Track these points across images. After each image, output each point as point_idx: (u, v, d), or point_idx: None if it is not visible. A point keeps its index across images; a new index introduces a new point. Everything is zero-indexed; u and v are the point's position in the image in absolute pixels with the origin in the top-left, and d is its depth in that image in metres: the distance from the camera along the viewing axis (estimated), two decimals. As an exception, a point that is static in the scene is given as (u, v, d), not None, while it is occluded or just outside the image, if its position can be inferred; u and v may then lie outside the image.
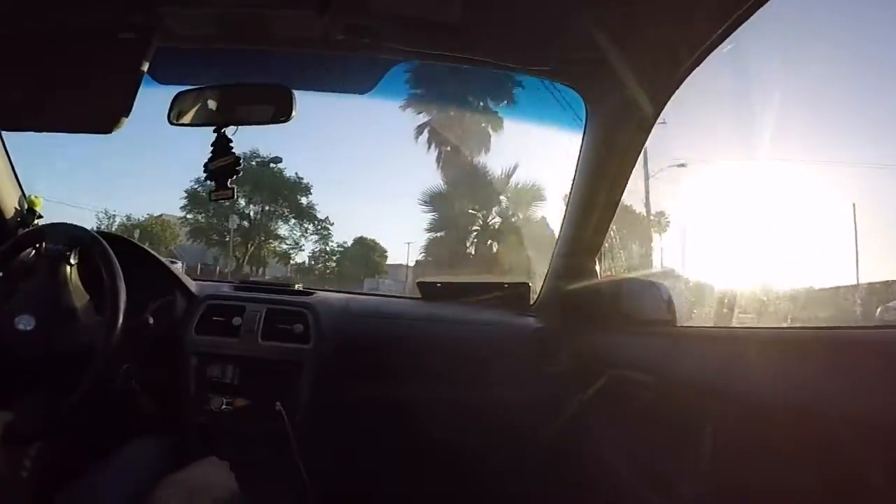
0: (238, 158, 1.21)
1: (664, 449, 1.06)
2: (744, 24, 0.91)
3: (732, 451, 0.85)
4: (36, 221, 1.49)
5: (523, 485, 1.56)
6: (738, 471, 0.84)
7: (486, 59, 1.22)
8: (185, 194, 16.75)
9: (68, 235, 1.24)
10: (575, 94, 1.27)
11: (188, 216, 16.98)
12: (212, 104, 1.22)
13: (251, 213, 17.63)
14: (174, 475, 0.89)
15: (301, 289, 1.57)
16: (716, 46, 0.99)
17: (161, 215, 17.89)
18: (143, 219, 17.64)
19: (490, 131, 13.42)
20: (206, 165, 1.22)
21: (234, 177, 1.22)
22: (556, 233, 1.48)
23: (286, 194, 17.53)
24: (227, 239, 17.12)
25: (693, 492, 0.94)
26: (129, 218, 17.64)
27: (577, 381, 1.37)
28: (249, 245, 17.79)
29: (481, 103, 1.48)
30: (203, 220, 17.05)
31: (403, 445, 1.49)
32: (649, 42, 1.06)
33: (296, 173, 17.43)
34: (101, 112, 1.07)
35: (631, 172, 1.28)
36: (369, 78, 1.23)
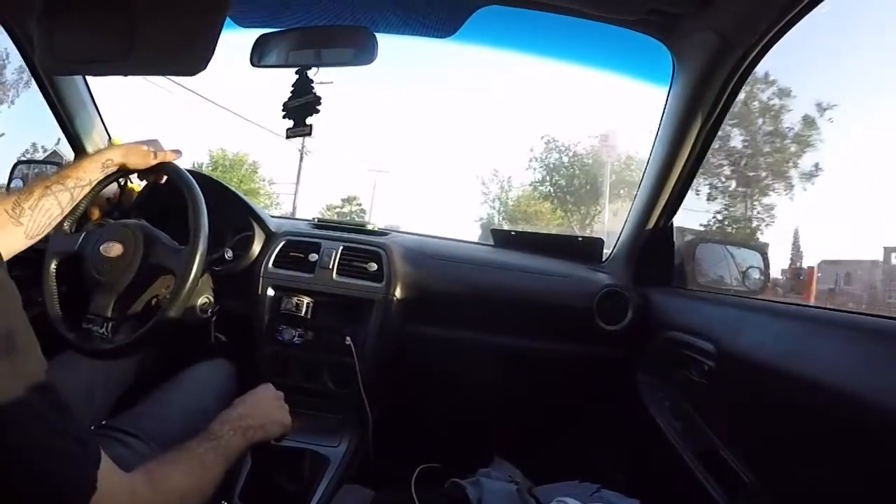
0: (319, 98, 1.22)
1: (718, 421, 1.05)
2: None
3: (786, 431, 0.84)
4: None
5: (572, 439, 1.59)
6: (790, 455, 0.83)
7: (572, 5, 1.18)
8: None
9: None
10: (663, 48, 1.21)
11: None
12: (294, 47, 1.23)
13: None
14: (243, 398, 0.94)
15: (376, 229, 1.60)
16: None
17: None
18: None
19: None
20: (284, 105, 1.24)
21: (313, 114, 1.22)
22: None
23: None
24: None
25: (743, 469, 0.93)
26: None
27: (639, 340, 1.37)
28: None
29: (566, 52, 1.42)
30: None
31: (460, 388, 1.53)
32: None
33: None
34: (185, 55, 1.11)
35: (717, 132, 1.22)
36: (453, 22, 1.22)
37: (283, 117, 1.25)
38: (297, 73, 1.23)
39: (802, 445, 0.79)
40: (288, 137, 1.25)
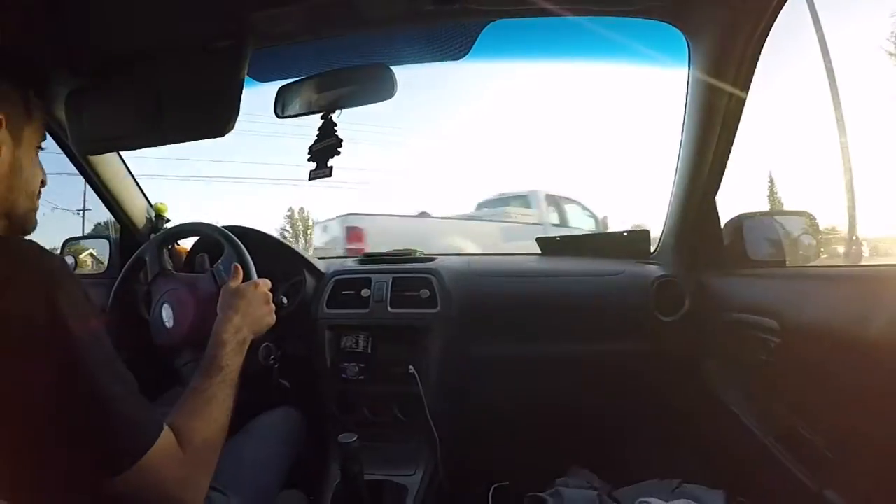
0: (340, 140, 1.25)
1: (792, 399, 1.02)
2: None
3: (862, 399, 0.81)
4: (165, 225, 1.67)
5: (646, 436, 1.55)
6: (869, 420, 0.79)
7: (577, 6, 1.18)
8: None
9: (200, 233, 1.36)
10: (675, 31, 1.20)
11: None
12: (315, 93, 1.27)
13: None
14: (234, 302, 0.97)
15: (422, 255, 1.63)
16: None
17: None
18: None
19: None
20: (310, 148, 1.27)
21: (335, 156, 1.25)
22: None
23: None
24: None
25: (821, 442, 0.90)
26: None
27: (699, 327, 1.34)
28: None
29: (580, 54, 1.42)
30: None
31: (527, 402, 1.53)
32: None
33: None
34: (211, 118, 1.15)
35: (744, 104, 1.19)
36: (464, 42, 1.23)
37: (308, 160, 1.27)
38: (321, 117, 1.27)
39: (882, 411, 0.76)
40: (310, 179, 1.28)
